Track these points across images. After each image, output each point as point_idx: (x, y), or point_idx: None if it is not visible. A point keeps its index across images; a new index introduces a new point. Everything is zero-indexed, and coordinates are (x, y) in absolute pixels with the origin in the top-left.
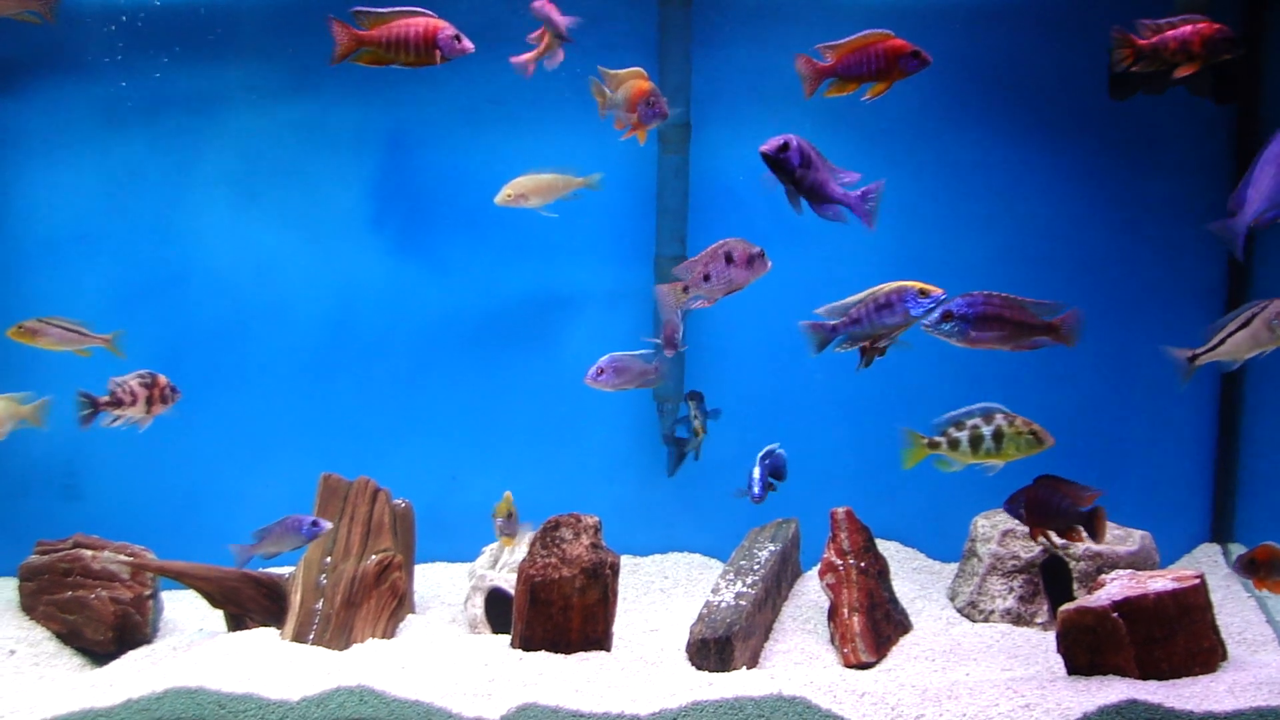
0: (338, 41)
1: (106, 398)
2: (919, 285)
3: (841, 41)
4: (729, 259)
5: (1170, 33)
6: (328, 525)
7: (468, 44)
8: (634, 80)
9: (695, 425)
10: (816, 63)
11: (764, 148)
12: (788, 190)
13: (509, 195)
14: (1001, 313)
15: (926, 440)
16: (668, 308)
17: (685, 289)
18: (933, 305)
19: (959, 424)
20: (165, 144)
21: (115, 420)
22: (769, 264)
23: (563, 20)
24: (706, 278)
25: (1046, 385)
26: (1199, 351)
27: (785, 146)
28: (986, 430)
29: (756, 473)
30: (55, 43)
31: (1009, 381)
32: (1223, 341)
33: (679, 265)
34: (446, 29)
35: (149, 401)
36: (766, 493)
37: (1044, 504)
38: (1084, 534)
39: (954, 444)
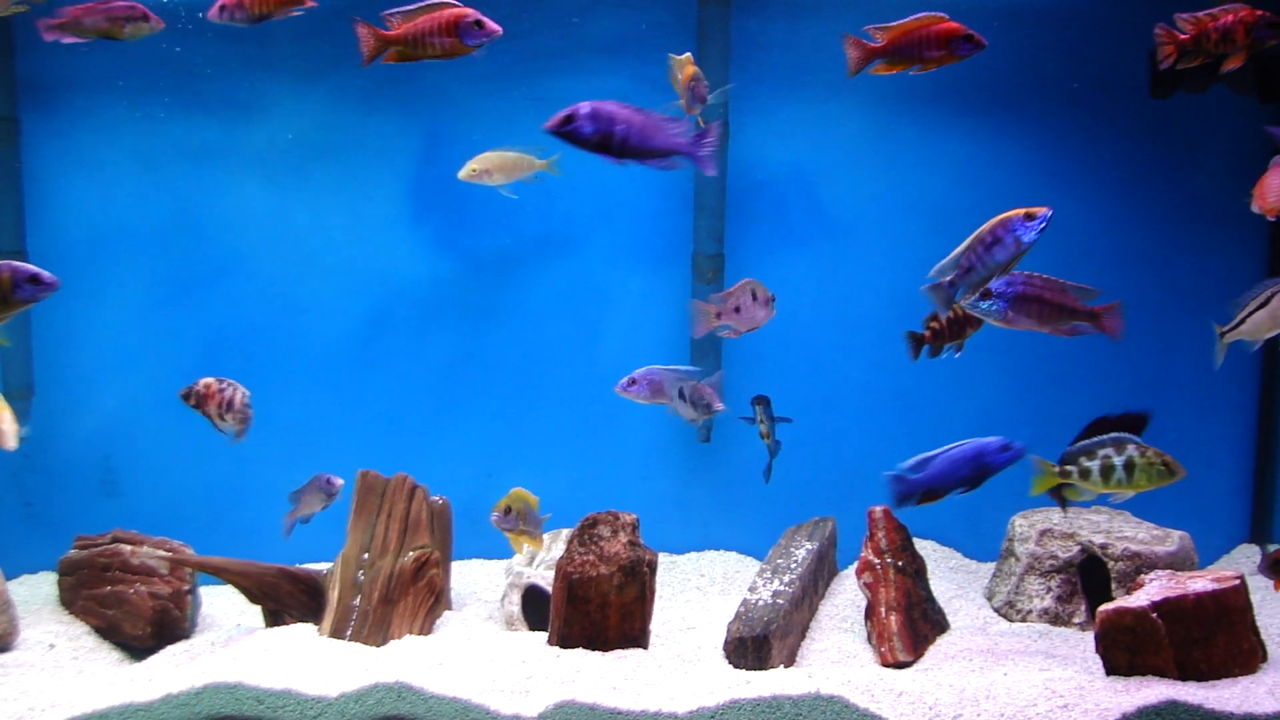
0: (364, 44)
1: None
2: (1022, 211)
3: (894, 24)
4: (754, 296)
5: (1211, 24)
6: (340, 481)
7: (493, 26)
8: (684, 66)
9: (762, 430)
10: (866, 43)
11: (547, 125)
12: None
13: (473, 170)
14: (1041, 294)
15: (1056, 469)
16: (698, 324)
17: (718, 315)
18: (1044, 224)
19: (1090, 453)
20: (205, 137)
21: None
22: (774, 311)
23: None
24: (738, 309)
25: (1085, 385)
26: (1225, 329)
27: (569, 118)
28: (1118, 460)
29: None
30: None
31: (1049, 380)
32: (1243, 320)
33: (716, 295)
34: (468, 15)
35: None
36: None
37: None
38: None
39: (1084, 473)
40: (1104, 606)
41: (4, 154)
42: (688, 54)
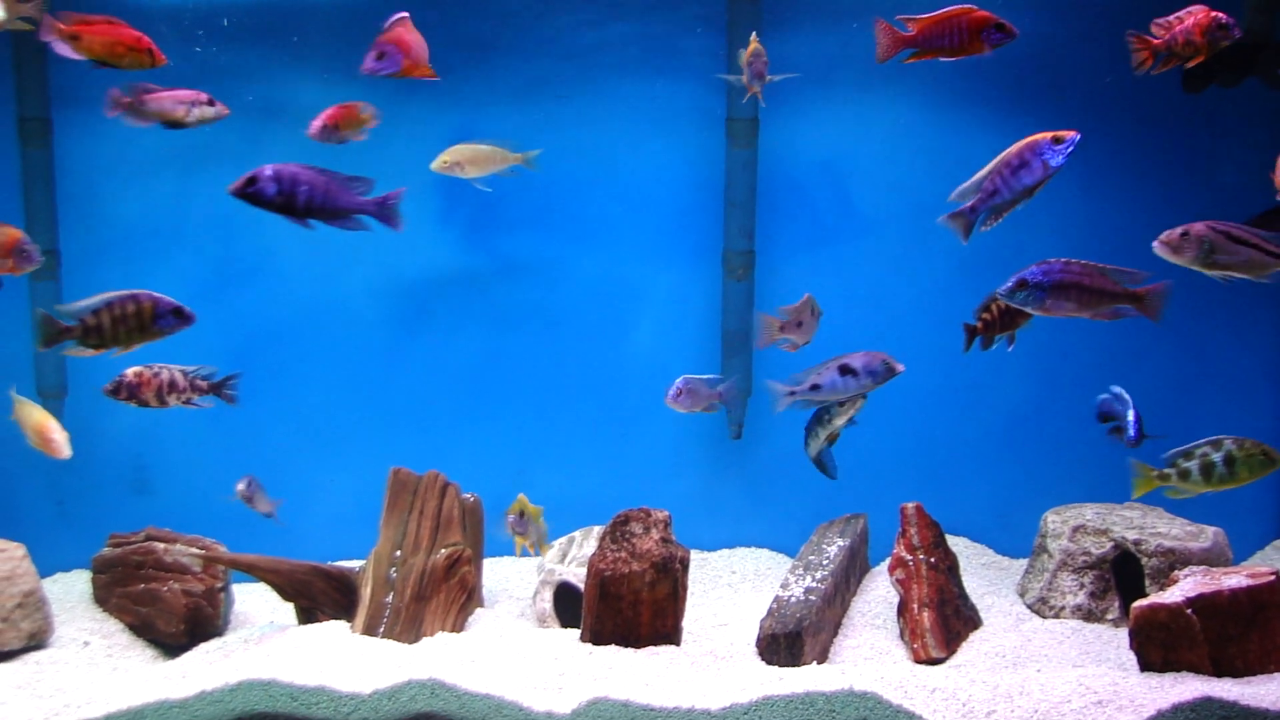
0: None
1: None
2: (1050, 134)
3: (926, 15)
4: (812, 311)
5: (1178, 28)
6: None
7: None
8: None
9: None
10: (897, 30)
11: (230, 187)
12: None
13: (445, 162)
14: (1080, 280)
15: (1156, 473)
16: (762, 336)
17: (781, 328)
18: (1071, 147)
19: (1188, 454)
20: (236, 137)
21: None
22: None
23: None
24: (799, 324)
25: (1113, 379)
26: None
27: (252, 180)
28: (1217, 456)
29: (1131, 415)
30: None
31: (1080, 375)
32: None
33: (784, 307)
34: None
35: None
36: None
37: None
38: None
39: (1184, 474)
40: (1138, 603)
41: (37, 154)
42: (754, 34)
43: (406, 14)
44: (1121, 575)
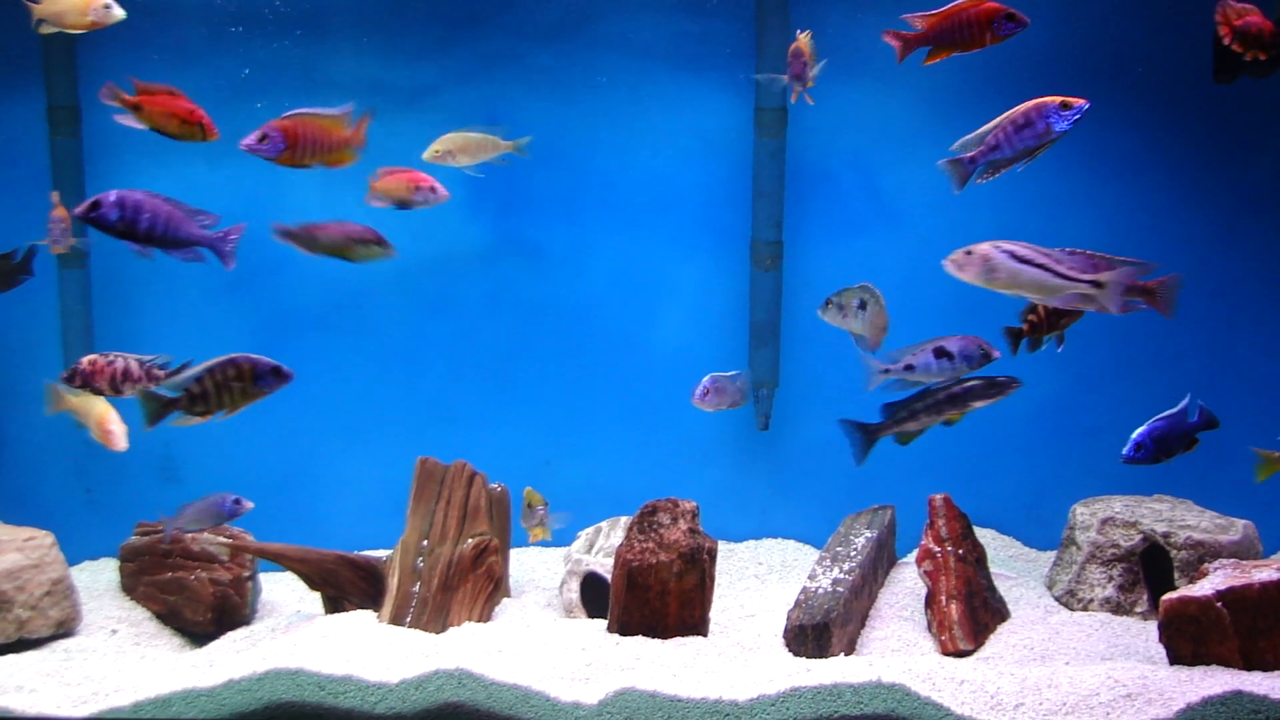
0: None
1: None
2: (1059, 98)
3: (934, 11)
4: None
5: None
6: (249, 505)
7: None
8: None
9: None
10: (905, 34)
11: (76, 210)
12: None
13: (436, 151)
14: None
15: (1278, 455)
16: (869, 378)
17: (885, 371)
18: (1078, 115)
19: None
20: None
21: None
22: None
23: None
24: (910, 368)
25: (1149, 374)
26: None
27: (95, 205)
28: None
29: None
30: (171, 28)
31: (1112, 369)
32: None
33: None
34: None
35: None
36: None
37: None
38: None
39: None
40: (1168, 595)
41: (66, 142)
42: (808, 31)
43: (349, 110)
44: (1150, 568)
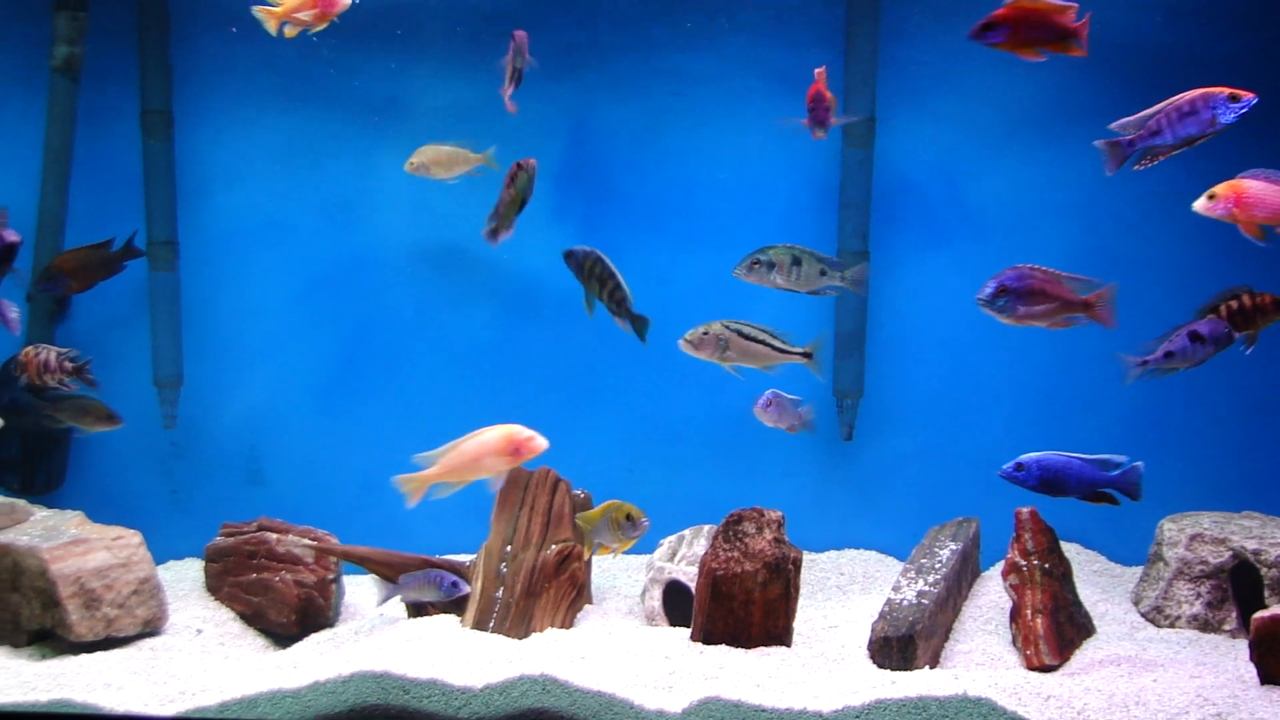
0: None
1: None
2: (1227, 90)
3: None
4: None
5: None
6: (466, 589)
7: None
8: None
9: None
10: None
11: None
12: None
13: (413, 164)
14: (1044, 287)
15: None
16: (1126, 373)
17: (1144, 362)
18: (1245, 109)
19: None
20: (349, 133)
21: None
22: None
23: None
24: (1170, 355)
25: (1242, 390)
26: None
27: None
28: None
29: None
30: (243, 33)
31: (1195, 381)
32: None
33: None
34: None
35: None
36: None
37: None
38: None
39: None
40: (1259, 614)
41: (158, 147)
42: (823, 68)
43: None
44: (1240, 585)
